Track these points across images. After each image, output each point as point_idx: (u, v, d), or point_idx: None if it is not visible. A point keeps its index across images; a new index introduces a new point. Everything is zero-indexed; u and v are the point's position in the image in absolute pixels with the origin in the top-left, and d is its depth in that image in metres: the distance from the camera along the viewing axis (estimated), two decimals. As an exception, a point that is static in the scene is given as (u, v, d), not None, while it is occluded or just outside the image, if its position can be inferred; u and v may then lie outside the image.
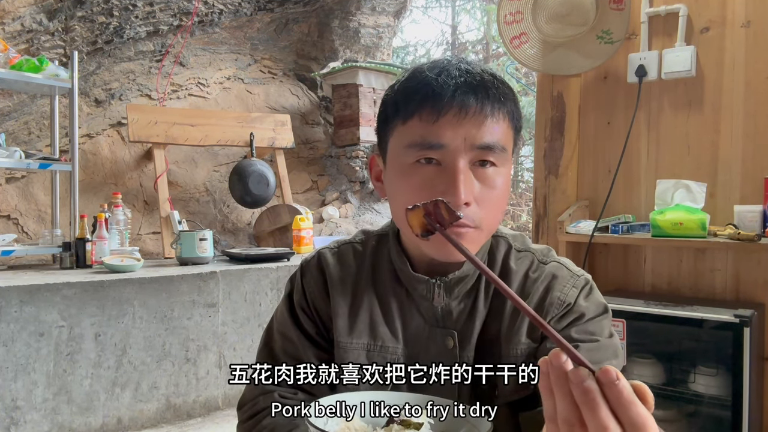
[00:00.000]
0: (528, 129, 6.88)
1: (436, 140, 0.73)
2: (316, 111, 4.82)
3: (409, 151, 0.75)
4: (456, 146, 0.72)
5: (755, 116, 2.01)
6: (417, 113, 0.74)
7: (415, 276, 0.83)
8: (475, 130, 0.73)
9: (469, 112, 0.72)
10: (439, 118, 0.72)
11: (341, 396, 0.71)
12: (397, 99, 0.77)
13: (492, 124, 0.74)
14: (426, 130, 0.73)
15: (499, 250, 0.87)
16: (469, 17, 9.10)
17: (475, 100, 0.72)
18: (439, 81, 0.73)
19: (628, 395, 0.44)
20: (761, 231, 1.87)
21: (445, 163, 0.73)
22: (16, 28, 3.14)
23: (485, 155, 0.74)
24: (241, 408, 0.90)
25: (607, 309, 0.86)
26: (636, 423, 0.44)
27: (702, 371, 1.89)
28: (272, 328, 0.93)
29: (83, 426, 2.46)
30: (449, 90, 0.72)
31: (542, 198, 2.38)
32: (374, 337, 0.85)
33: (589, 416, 0.45)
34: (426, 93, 0.73)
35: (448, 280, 0.82)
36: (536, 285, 0.83)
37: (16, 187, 3.51)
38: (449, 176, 0.72)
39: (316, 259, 0.92)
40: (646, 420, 0.44)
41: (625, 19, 2.09)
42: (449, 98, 0.72)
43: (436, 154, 0.73)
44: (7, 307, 2.28)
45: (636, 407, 0.44)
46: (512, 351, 0.81)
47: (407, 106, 0.75)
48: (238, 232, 4.16)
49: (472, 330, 0.82)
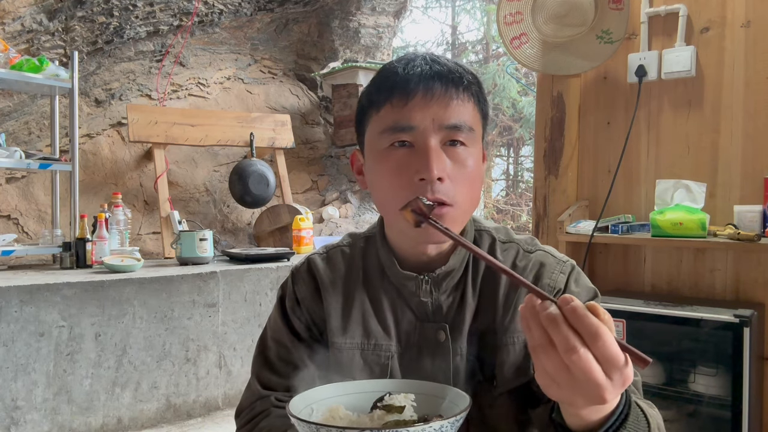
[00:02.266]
0: (528, 129, 6.88)
1: (407, 122, 0.78)
2: (316, 111, 4.83)
3: (383, 136, 0.80)
4: (425, 127, 0.77)
5: (755, 116, 2.01)
6: (388, 101, 0.79)
7: (403, 273, 0.85)
8: (443, 111, 0.77)
9: (435, 95, 0.77)
10: (408, 102, 0.77)
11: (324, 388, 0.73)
12: (370, 91, 0.83)
13: (458, 105, 0.78)
14: (397, 114, 0.78)
15: (484, 243, 0.90)
16: (469, 17, 9.09)
17: (440, 84, 0.78)
18: (407, 70, 0.79)
19: (581, 310, 0.54)
20: (761, 231, 1.87)
21: (417, 143, 0.78)
22: (16, 28, 3.14)
23: (454, 134, 0.78)
24: (239, 415, 0.91)
25: (597, 293, 0.89)
26: (590, 330, 0.53)
27: (702, 371, 1.89)
28: (266, 336, 0.94)
29: (83, 426, 2.46)
30: (415, 77, 0.78)
31: (542, 198, 2.38)
32: (367, 336, 0.86)
33: (554, 333, 0.54)
34: (395, 81, 0.79)
35: (435, 275, 0.84)
36: (525, 274, 0.86)
37: (16, 187, 3.51)
38: (421, 155, 0.77)
39: (306, 265, 0.94)
40: (598, 327, 0.53)
41: (624, 19, 2.09)
42: (415, 84, 0.78)
43: (408, 136, 0.78)
44: (7, 307, 2.28)
45: (588, 318, 0.53)
46: (509, 339, 0.83)
47: (379, 96, 0.80)
48: (238, 232, 4.17)
49: (463, 322, 0.85)
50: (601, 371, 0.53)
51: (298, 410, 0.66)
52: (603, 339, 0.53)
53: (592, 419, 0.61)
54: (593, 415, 0.61)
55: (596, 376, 0.53)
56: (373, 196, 0.85)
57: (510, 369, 0.82)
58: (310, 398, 0.71)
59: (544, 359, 0.55)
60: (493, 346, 0.84)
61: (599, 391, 0.54)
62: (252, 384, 0.91)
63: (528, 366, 0.83)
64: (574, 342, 0.53)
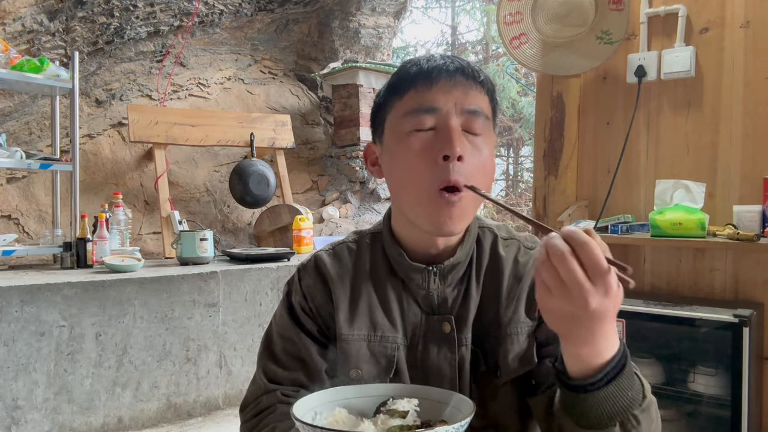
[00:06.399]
0: (528, 129, 6.88)
1: (431, 104, 0.81)
2: (316, 111, 4.83)
3: (405, 119, 0.83)
4: (448, 109, 0.81)
5: (754, 116, 2.01)
6: (412, 86, 0.83)
7: (412, 265, 0.87)
8: (464, 97, 0.82)
9: (457, 82, 0.82)
10: (432, 86, 0.82)
11: (327, 392, 0.73)
12: (391, 83, 0.87)
13: (477, 94, 0.83)
14: (422, 96, 0.82)
15: (486, 239, 0.93)
16: (468, 18, 9.10)
17: (461, 75, 0.83)
18: (429, 63, 0.84)
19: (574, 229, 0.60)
20: (760, 231, 1.87)
21: (440, 125, 0.81)
22: (16, 28, 3.15)
23: (473, 119, 0.82)
24: (244, 409, 0.92)
25: None
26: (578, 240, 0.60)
27: (701, 371, 1.89)
28: (272, 331, 0.95)
29: (84, 425, 2.46)
30: (437, 68, 0.83)
31: (542, 198, 2.38)
32: (374, 328, 0.88)
33: (550, 247, 0.60)
34: (419, 71, 0.84)
35: (443, 267, 0.87)
36: (527, 268, 0.90)
37: (17, 187, 3.51)
38: (445, 134, 0.80)
39: (313, 261, 0.95)
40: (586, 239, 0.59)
41: (624, 20, 2.09)
42: (438, 72, 0.82)
43: (431, 119, 0.82)
44: (8, 307, 2.28)
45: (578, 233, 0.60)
46: (513, 330, 0.86)
47: (402, 84, 0.85)
48: (239, 232, 4.17)
49: (468, 314, 0.87)
50: (584, 275, 0.59)
51: (301, 414, 0.66)
52: (589, 247, 0.59)
53: (591, 363, 0.66)
54: (593, 359, 0.66)
55: (579, 278, 0.59)
56: (391, 181, 0.87)
57: (514, 359, 0.85)
58: (313, 402, 0.71)
59: (542, 271, 0.61)
60: (497, 336, 0.86)
61: (583, 293, 0.59)
62: (258, 378, 0.92)
63: (531, 354, 0.85)
64: (563, 249, 0.59)
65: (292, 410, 0.66)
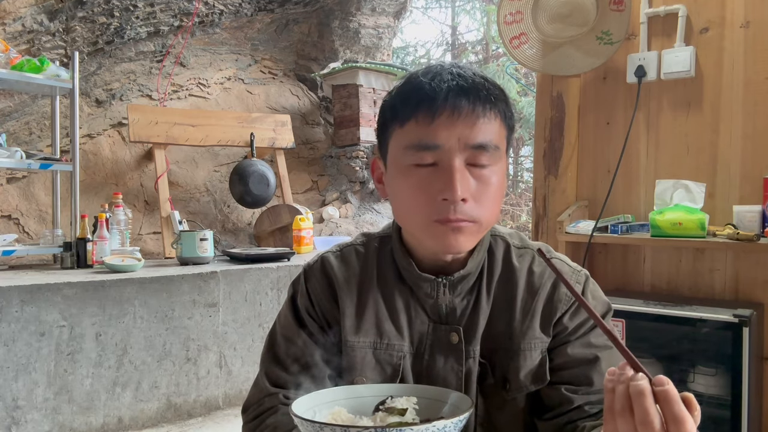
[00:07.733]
0: (528, 129, 6.88)
1: (432, 141, 0.76)
2: (316, 111, 4.83)
3: (407, 152, 0.78)
4: (450, 146, 0.76)
5: (754, 116, 2.01)
6: (413, 116, 0.77)
7: (421, 275, 0.85)
8: (468, 131, 0.76)
9: (462, 113, 0.76)
10: (434, 119, 0.76)
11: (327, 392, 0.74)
12: (394, 104, 0.81)
13: (484, 123, 0.77)
14: (422, 132, 0.77)
15: (498, 249, 0.90)
16: (468, 18, 9.09)
17: (467, 102, 0.76)
18: (433, 85, 0.77)
19: (674, 395, 0.54)
20: (760, 231, 1.87)
21: (442, 163, 0.77)
22: (17, 28, 3.14)
23: (479, 155, 0.77)
24: (246, 410, 0.91)
25: (611, 307, 0.90)
26: (677, 417, 0.54)
27: (701, 371, 1.89)
28: (275, 332, 0.93)
29: (84, 425, 2.46)
30: (442, 93, 0.76)
31: (542, 198, 2.38)
32: (380, 335, 0.87)
33: (637, 405, 0.54)
34: (420, 97, 0.77)
35: (453, 278, 0.84)
36: (542, 280, 0.87)
37: (17, 187, 3.51)
38: (446, 175, 0.76)
39: (319, 263, 0.93)
40: (685, 416, 0.54)
41: (624, 20, 2.09)
42: (442, 101, 0.75)
43: (433, 155, 0.77)
44: (8, 306, 2.28)
45: (679, 405, 0.54)
46: (527, 345, 0.84)
47: (404, 110, 0.79)
48: (239, 232, 4.17)
49: (477, 325, 0.85)
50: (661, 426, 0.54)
51: (301, 412, 0.66)
52: (686, 429, 0.54)
53: None
54: None
55: None
56: (394, 207, 0.85)
57: (527, 375, 0.83)
58: (312, 401, 0.71)
59: (620, 422, 0.56)
60: (508, 350, 0.84)
61: None
62: (260, 381, 0.91)
63: (544, 372, 0.84)
64: (654, 418, 0.54)
65: (291, 408, 0.66)
